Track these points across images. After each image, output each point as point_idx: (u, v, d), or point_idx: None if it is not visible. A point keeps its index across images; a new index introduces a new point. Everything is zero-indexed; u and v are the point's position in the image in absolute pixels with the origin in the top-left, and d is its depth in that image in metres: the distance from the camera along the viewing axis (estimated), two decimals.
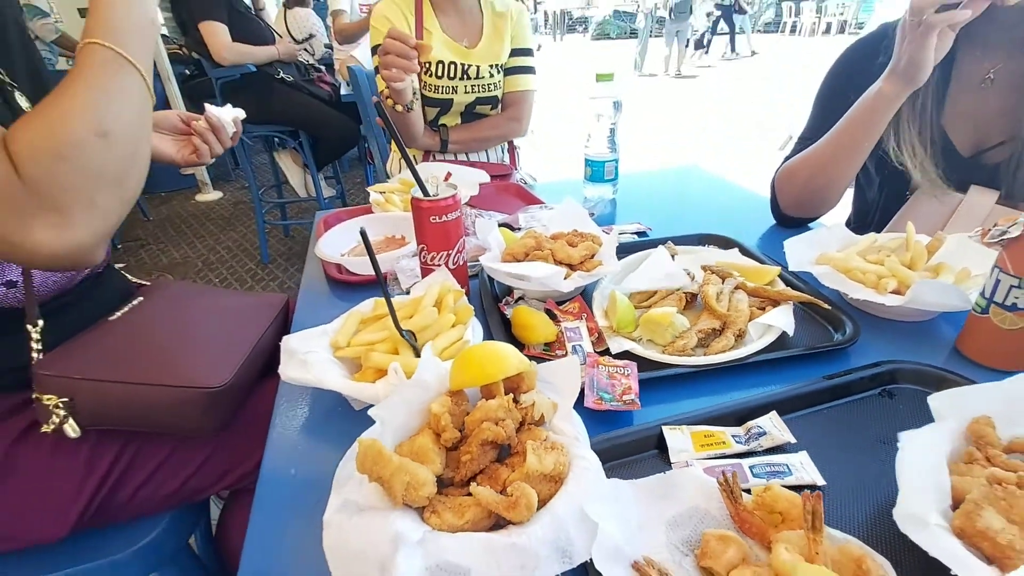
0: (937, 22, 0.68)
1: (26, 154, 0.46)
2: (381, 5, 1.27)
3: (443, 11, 1.29)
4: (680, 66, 9.36)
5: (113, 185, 0.50)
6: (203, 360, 0.62)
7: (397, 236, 0.89)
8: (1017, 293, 0.53)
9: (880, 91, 0.77)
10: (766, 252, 0.80)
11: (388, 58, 0.97)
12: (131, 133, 0.51)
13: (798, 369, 0.57)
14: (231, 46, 2.37)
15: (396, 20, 1.25)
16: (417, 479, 0.37)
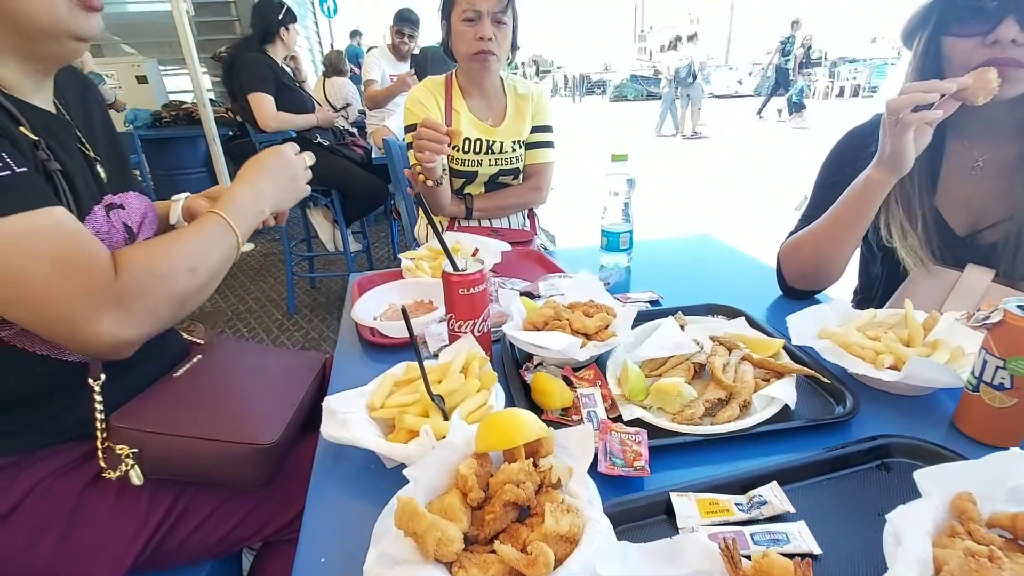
0: (911, 121, 0.75)
1: (128, 264, 0.59)
2: (416, 90, 1.42)
3: (470, 95, 1.43)
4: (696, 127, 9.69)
5: (178, 305, 0.63)
6: (254, 417, 0.69)
7: (426, 301, 0.96)
8: (1003, 374, 0.56)
9: (869, 177, 0.84)
10: (772, 323, 0.84)
11: (422, 143, 1.08)
12: (212, 274, 0.67)
13: (800, 440, 0.61)
14: (275, 115, 2.59)
15: (428, 103, 1.39)
16: (447, 536, 0.42)
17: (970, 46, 0.77)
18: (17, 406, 0.64)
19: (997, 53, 0.74)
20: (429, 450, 0.53)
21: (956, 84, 0.74)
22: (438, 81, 1.44)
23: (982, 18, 0.75)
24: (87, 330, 0.55)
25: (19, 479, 0.63)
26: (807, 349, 0.73)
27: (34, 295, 0.54)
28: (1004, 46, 0.73)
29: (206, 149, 4.02)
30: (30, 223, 0.54)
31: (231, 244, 0.69)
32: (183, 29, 3.21)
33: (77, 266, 0.55)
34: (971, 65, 0.76)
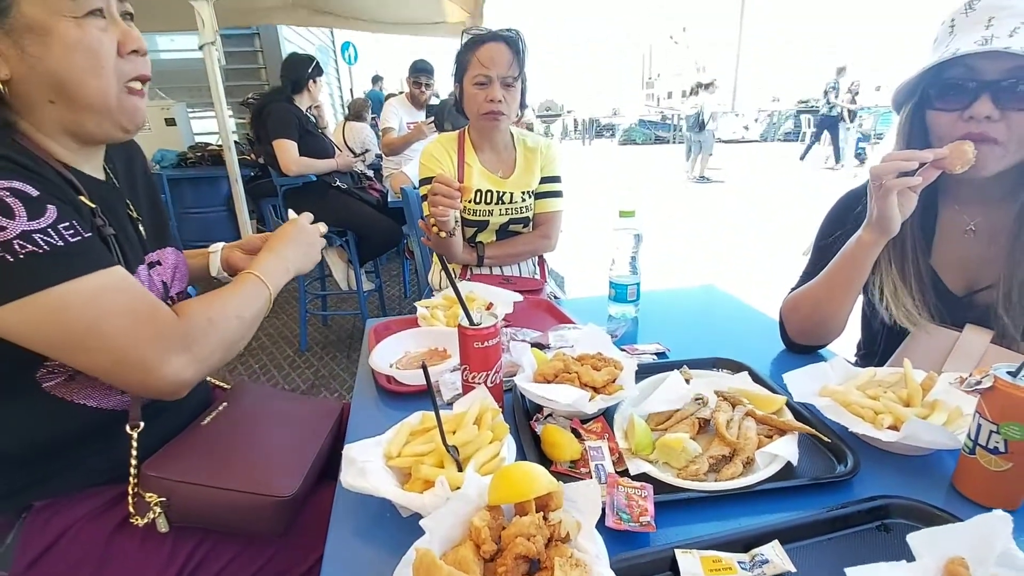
0: (894, 186, 0.80)
1: (189, 312, 0.67)
2: (430, 146, 1.50)
3: (481, 149, 1.52)
4: (703, 172, 9.86)
5: (228, 348, 0.71)
6: (275, 468, 0.72)
7: (440, 349, 1.00)
8: (997, 438, 0.59)
9: (860, 239, 0.88)
10: (776, 377, 0.87)
11: (436, 198, 1.15)
12: (252, 322, 0.76)
13: (802, 498, 0.63)
14: (297, 160, 2.71)
15: (442, 158, 1.47)
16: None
17: (950, 120, 0.82)
18: (56, 452, 0.68)
19: (972, 128, 0.79)
20: (444, 501, 0.56)
21: (933, 155, 0.79)
22: (451, 137, 1.53)
23: (961, 95, 0.80)
24: (157, 373, 0.62)
25: (53, 521, 0.66)
26: (809, 406, 0.76)
27: (114, 344, 0.60)
28: (979, 122, 0.78)
29: (228, 188, 4.18)
30: (103, 281, 0.61)
31: (266, 298, 0.79)
32: (214, 76, 3.40)
33: (147, 315, 0.63)
34: (951, 136, 0.82)
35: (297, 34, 6.50)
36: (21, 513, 0.67)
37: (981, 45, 0.75)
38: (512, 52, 1.35)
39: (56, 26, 0.62)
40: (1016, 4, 0.77)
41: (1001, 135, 0.78)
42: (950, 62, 0.79)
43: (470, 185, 1.46)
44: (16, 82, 0.63)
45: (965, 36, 0.80)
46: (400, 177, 2.77)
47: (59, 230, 0.59)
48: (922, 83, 0.87)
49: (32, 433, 0.67)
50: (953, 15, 0.84)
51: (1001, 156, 0.80)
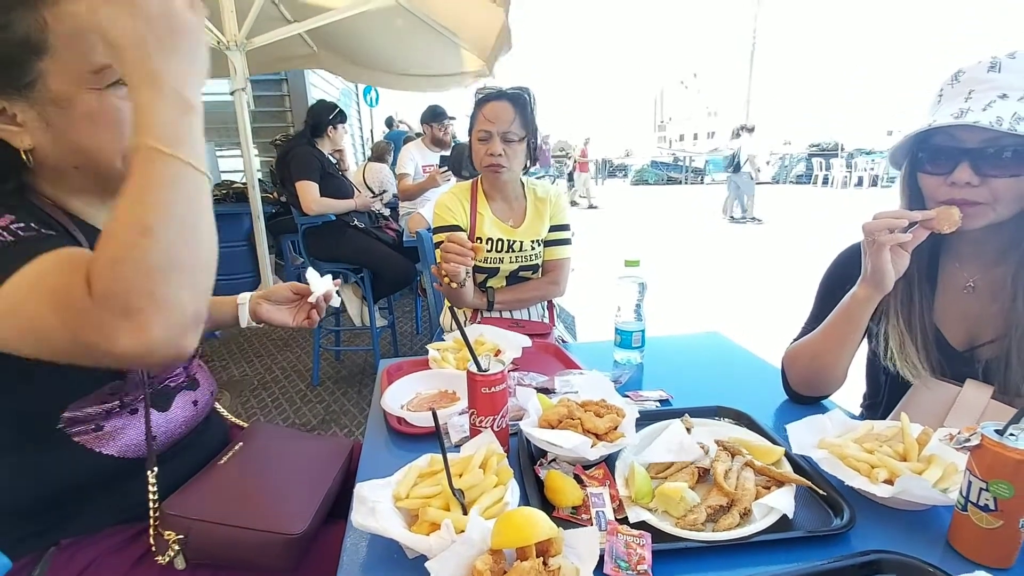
0: (885, 242, 0.85)
1: (93, 269, 0.50)
2: (444, 197, 1.59)
3: (493, 199, 1.60)
4: (744, 212, 9.82)
5: (171, 275, 0.51)
6: (286, 506, 0.75)
7: (449, 391, 1.04)
8: (987, 495, 0.60)
9: (855, 294, 0.92)
10: (777, 427, 0.89)
11: (449, 255, 1.20)
12: (180, 222, 0.52)
13: (797, 551, 0.64)
14: (318, 200, 2.83)
15: (454, 207, 1.55)
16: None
17: (936, 183, 0.87)
18: (83, 494, 0.72)
19: (955, 193, 0.84)
20: (449, 544, 0.59)
21: (922, 216, 0.84)
22: (464, 187, 1.61)
23: (944, 161, 0.85)
24: (115, 353, 0.50)
25: (78, 556, 0.69)
26: (807, 458, 0.77)
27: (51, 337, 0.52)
28: (960, 187, 0.83)
29: (250, 224, 4.32)
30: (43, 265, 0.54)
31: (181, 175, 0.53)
32: (243, 119, 3.59)
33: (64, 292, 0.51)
34: (938, 198, 0.87)
35: (322, 78, 6.83)
36: (48, 548, 0.70)
37: (956, 117, 0.80)
38: (516, 109, 1.44)
39: (78, 98, 0.63)
40: (996, 79, 0.82)
41: (982, 198, 0.82)
42: (936, 128, 0.84)
43: (482, 234, 1.53)
44: (40, 150, 0.65)
45: (947, 106, 0.85)
46: (417, 219, 2.87)
47: (12, 229, 0.57)
48: (913, 146, 0.92)
49: (61, 479, 0.70)
50: (942, 85, 0.90)
51: (984, 213, 0.84)
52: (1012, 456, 0.58)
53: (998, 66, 0.82)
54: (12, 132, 0.63)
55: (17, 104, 0.62)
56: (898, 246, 0.86)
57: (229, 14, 2.77)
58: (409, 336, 4.03)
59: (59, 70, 0.62)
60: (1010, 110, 0.78)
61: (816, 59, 37.38)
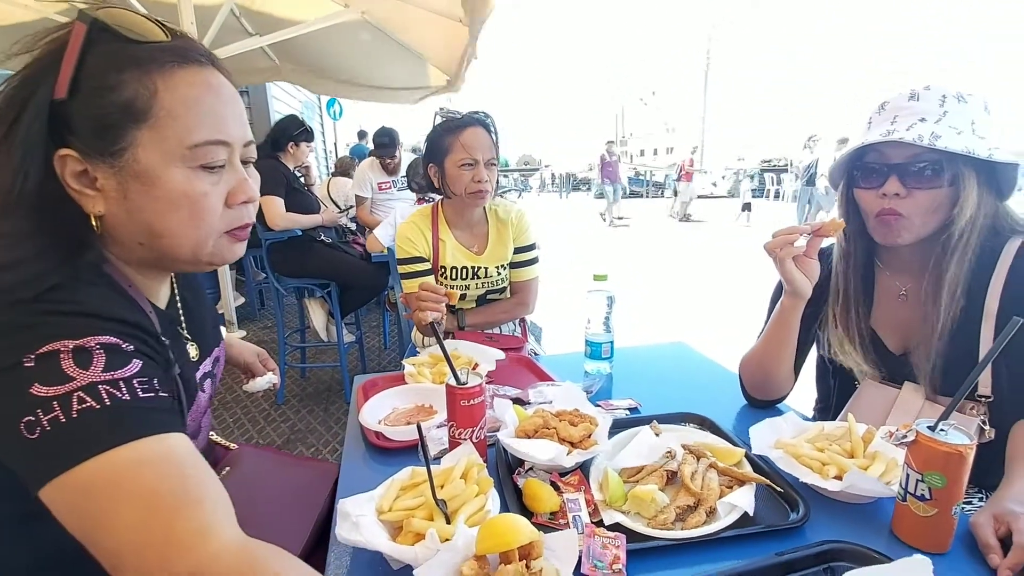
0: (786, 255, 0.95)
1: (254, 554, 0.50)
2: (404, 227, 1.58)
3: (455, 225, 1.60)
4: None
5: None
6: (276, 533, 0.74)
7: (426, 405, 1.06)
8: (923, 486, 0.67)
9: (782, 303, 1.02)
10: (738, 430, 0.95)
11: (422, 303, 1.21)
12: None
13: (759, 544, 0.69)
14: (284, 215, 2.79)
15: (415, 238, 1.55)
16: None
17: (870, 196, 0.96)
18: None
19: (885, 204, 0.93)
20: (434, 552, 0.61)
21: (810, 227, 0.95)
22: (424, 214, 1.60)
23: (876, 176, 0.95)
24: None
25: None
26: (765, 458, 0.83)
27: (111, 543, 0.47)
28: (890, 198, 0.93)
29: None
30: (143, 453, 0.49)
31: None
32: None
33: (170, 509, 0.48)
34: (872, 210, 0.96)
35: (284, 91, 6.75)
36: None
37: (884, 135, 0.90)
38: (490, 136, 1.48)
39: (164, 175, 0.58)
40: (914, 106, 0.93)
41: (907, 209, 0.92)
42: (868, 148, 0.94)
43: (445, 263, 1.55)
44: (111, 219, 0.60)
45: (876, 130, 0.95)
46: (372, 240, 2.87)
47: (132, 384, 0.52)
48: (849, 165, 1.01)
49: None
50: (870, 114, 1.00)
51: (908, 226, 0.94)
52: (942, 449, 0.65)
53: (916, 96, 0.93)
54: (88, 196, 0.58)
55: (100, 169, 0.57)
56: (802, 255, 0.97)
57: (190, 26, 2.73)
58: (377, 351, 3.99)
59: (154, 141, 0.57)
60: (928, 130, 0.88)
61: (767, 81, 39.34)
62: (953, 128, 0.88)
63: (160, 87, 0.57)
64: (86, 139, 0.56)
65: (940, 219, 0.93)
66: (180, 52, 0.60)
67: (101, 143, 0.56)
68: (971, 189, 0.89)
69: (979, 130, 0.89)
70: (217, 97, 0.61)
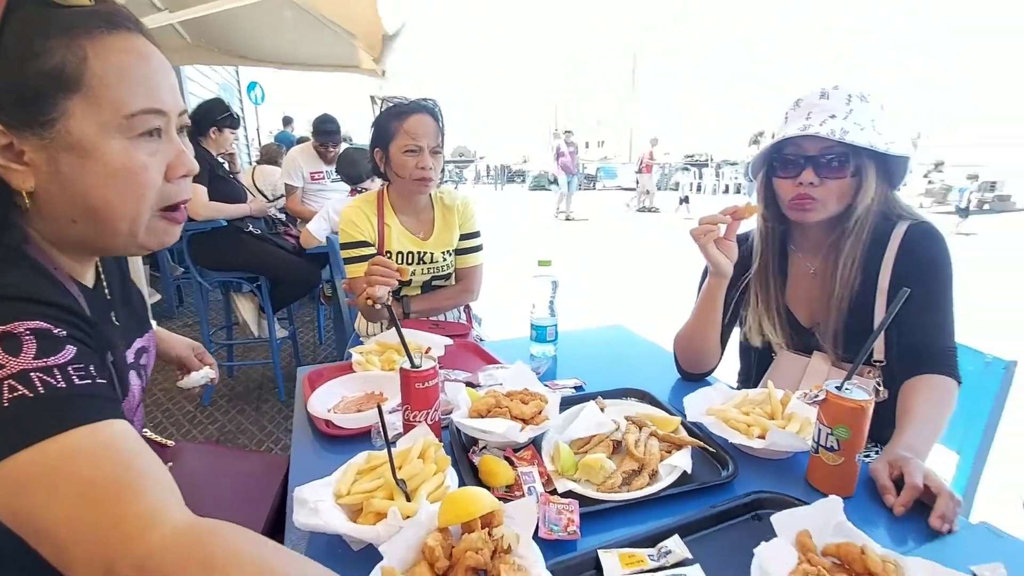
0: (708, 240, 1.04)
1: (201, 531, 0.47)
2: (348, 210, 1.55)
3: (401, 210, 1.59)
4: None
5: None
6: None
7: (376, 392, 1.05)
8: (832, 439, 0.76)
9: (708, 283, 1.11)
10: (672, 401, 1.02)
11: (374, 278, 1.20)
12: None
13: (696, 500, 0.76)
14: (207, 204, 2.62)
15: (360, 221, 1.53)
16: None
17: (788, 184, 1.07)
18: None
19: (802, 191, 1.04)
20: (397, 529, 0.62)
21: (728, 214, 1.04)
22: (369, 199, 1.58)
23: (793, 167, 1.05)
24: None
25: None
26: (699, 424, 0.91)
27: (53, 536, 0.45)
28: (805, 186, 1.03)
29: None
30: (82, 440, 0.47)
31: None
32: None
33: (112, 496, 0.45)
34: (789, 197, 1.07)
35: (200, 72, 6.28)
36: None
37: (801, 130, 1.00)
38: (436, 123, 1.48)
39: (101, 146, 0.55)
40: (826, 104, 1.04)
41: (820, 195, 1.03)
42: (786, 142, 1.04)
43: (391, 247, 1.53)
44: (42, 195, 0.56)
45: (793, 124, 1.05)
46: (306, 234, 2.76)
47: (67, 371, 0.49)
48: (768, 157, 1.11)
49: None
50: (787, 110, 1.11)
51: (819, 209, 1.05)
52: (847, 405, 0.74)
53: (827, 95, 1.04)
54: (15, 171, 0.54)
55: (28, 142, 0.53)
56: (723, 239, 1.06)
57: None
58: (312, 347, 3.85)
59: (88, 111, 0.54)
60: (838, 125, 0.99)
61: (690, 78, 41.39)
62: (857, 124, 0.99)
63: (90, 54, 0.54)
64: (10, 110, 0.52)
65: (845, 204, 1.05)
66: (107, 17, 0.56)
67: (27, 114, 0.52)
68: (871, 178, 1.02)
69: (878, 126, 1.01)
70: (149, 65, 0.59)
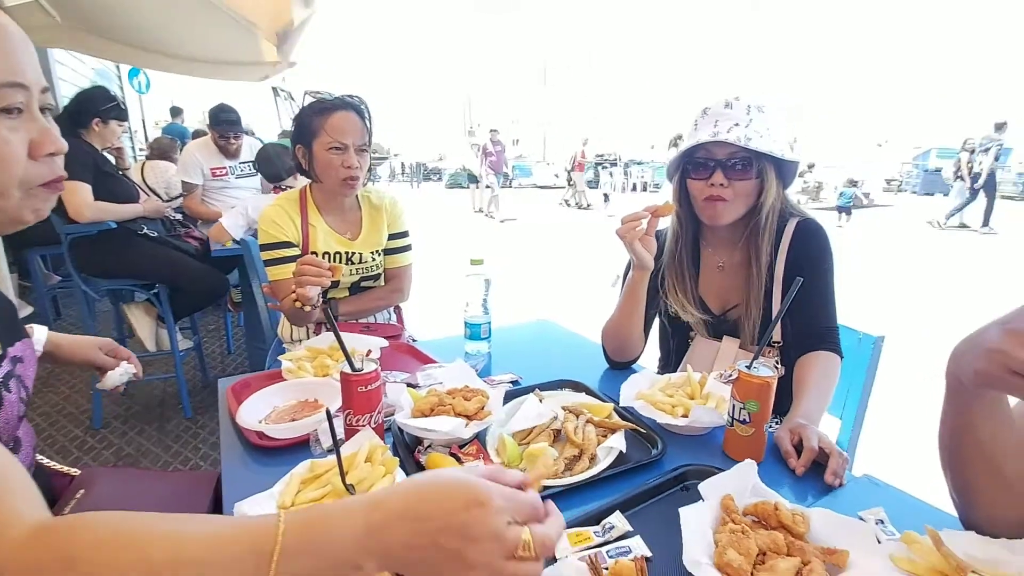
0: (632, 238, 1.12)
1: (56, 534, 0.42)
2: (269, 210, 1.48)
3: (326, 210, 1.54)
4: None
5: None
6: None
7: (310, 400, 1.02)
8: (744, 412, 0.86)
9: (632, 276, 1.20)
10: (604, 389, 1.09)
11: (305, 279, 1.15)
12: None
13: (632, 478, 0.82)
14: (92, 204, 2.36)
15: (283, 222, 1.46)
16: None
17: (700, 186, 1.17)
18: None
19: (713, 192, 1.15)
20: None
21: (648, 212, 1.12)
22: (291, 198, 1.51)
23: (705, 170, 1.16)
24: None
25: None
26: (630, 408, 0.98)
27: None
28: (716, 188, 1.14)
29: None
30: None
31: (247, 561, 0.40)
32: None
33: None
34: (701, 197, 1.17)
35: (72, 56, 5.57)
36: None
37: (712, 136, 1.10)
38: (362, 120, 1.44)
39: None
40: (730, 113, 1.15)
41: (729, 196, 1.15)
42: (698, 147, 1.14)
43: (316, 248, 1.48)
44: None
45: (703, 131, 1.15)
46: (218, 230, 2.56)
47: None
48: (682, 161, 1.21)
49: None
50: (696, 117, 1.21)
51: (731, 209, 1.16)
52: (756, 381, 0.84)
53: (731, 104, 1.15)
54: None
55: None
56: (644, 235, 1.15)
57: None
58: (220, 358, 3.57)
59: None
60: (743, 133, 1.10)
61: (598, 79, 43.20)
62: (757, 132, 1.11)
63: None
64: None
65: (750, 204, 1.17)
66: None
67: None
68: (771, 180, 1.15)
69: (773, 134, 1.14)
70: (7, 37, 0.56)
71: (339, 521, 0.43)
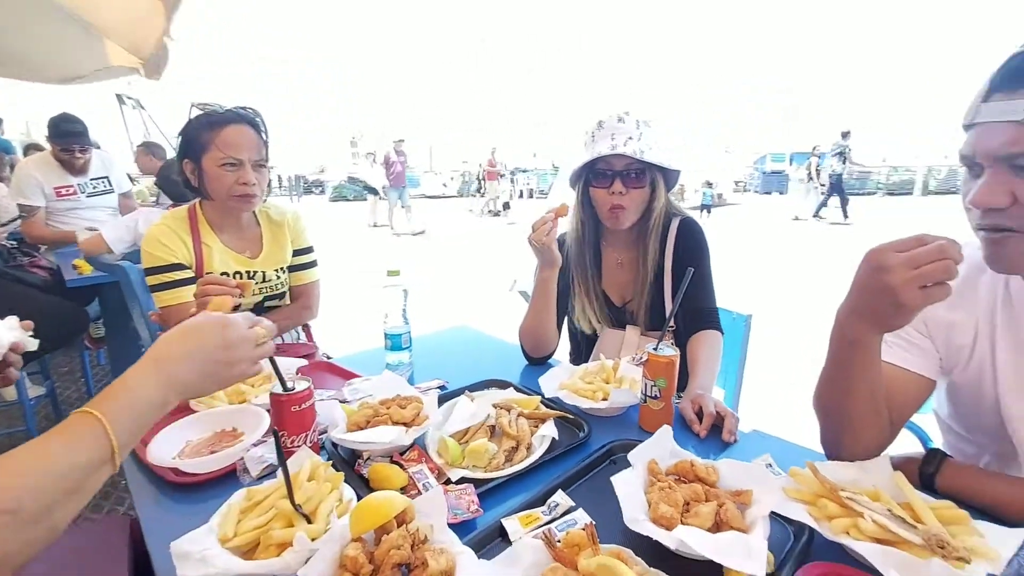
0: (547, 242, 1.20)
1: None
2: (155, 229, 1.35)
3: (220, 228, 1.44)
4: None
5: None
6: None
7: (228, 429, 0.96)
8: (655, 389, 0.97)
9: (541, 275, 1.29)
10: (528, 385, 1.16)
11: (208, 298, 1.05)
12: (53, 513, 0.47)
13: (566, 460, 0.89)
14: None
15: (172, 243, 1.35)
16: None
17: (602, 194, 1.29)
18: None
19: (614, 200, 1.27)
20: (307, 554, 0.61)
21: (551, 215, 1.21)
22: (179, 216, 1.40)
23: (606, 179, 1.28)
24: None
25: None
26: (555, 398, 1.05)
27: None
28: (617, 195, 1.26)
29: None
30: None
31: (96, 461, 0.50)
32: None
33: None
34: (603, 204, 1.28)
35: None
36: None
37: (610, 149, 1.22)
38: (257, 134, 1.37)
39: None
40: (622, 127, 1.27)
41: (627, 203, 1.27)
42: (599, 159, 1.25)
43: (212, 268, 1.37)
44: None
45: (601, 143, 1.27)
46: (96, 241, 2.22)
47: None
48: (585, 170, 1.32)
49: None
50: (592, 130, 1.32)
51: (630, 214, 1.30)
52: (663, 360, 0.95)
53: (623, 119, 1.28)
54: None
55: None
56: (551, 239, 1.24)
57: None
58: (78, 402, 3.10)
59: None
60: (637, 146, 1.23)
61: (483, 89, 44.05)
62: (647, 145, 1.25)
63: None
64: None
65: (644, 209, 1.31)
66: None
67: None
68: (660, 188, 1.30)
69: (658, 146, 1.29)
70: None
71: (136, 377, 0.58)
